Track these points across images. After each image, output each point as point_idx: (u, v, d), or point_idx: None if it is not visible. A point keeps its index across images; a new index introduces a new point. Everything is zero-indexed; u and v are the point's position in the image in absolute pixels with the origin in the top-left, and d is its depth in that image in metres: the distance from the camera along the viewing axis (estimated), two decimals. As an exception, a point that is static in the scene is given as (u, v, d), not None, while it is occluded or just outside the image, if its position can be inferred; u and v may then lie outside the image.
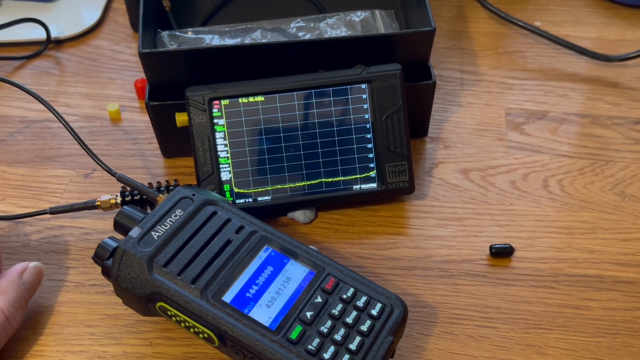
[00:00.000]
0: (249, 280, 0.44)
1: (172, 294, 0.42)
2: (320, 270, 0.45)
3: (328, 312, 0.43)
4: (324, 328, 0.42)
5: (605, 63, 0.69)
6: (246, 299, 0.43)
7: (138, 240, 0.44)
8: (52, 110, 0.56)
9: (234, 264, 0.44)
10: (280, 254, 0.45)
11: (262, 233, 0.46)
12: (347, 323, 0.42)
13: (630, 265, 0.53)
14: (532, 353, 0.48)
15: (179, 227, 0.45)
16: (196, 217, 0.46)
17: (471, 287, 0.51)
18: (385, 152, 0.54)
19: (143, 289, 0.43)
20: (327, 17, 0.64)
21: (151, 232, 0.45)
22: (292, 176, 0.54)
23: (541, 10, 0.76)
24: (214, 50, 0.54)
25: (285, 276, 0.44)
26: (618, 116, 0.64)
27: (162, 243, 0.44)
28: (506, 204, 0.57)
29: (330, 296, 0.44)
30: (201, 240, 0.45)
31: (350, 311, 0.43)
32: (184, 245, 0.45)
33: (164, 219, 0.46)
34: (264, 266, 0.45)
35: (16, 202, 0.57)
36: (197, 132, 0.53)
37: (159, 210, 0.46)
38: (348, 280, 0.44)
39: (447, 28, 0.74)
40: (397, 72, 0.54)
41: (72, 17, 0.74)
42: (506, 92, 0.67)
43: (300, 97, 0.53)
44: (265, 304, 0.43)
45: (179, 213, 0.46)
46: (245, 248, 0.45)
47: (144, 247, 0.44)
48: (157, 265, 0.43)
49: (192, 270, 0.43)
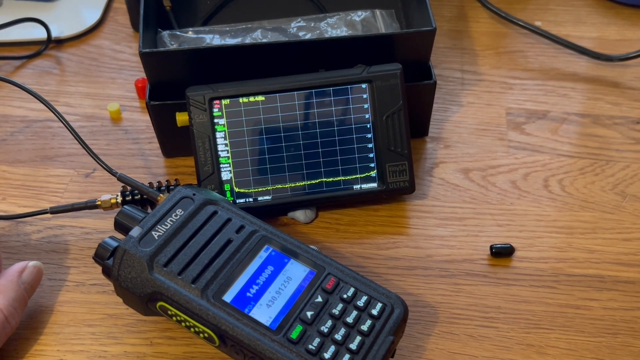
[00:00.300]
0: (250, 279, 0.44)
1: (173, 293, 0.42)
2: (321, 270, 0.45)
3: (328, 311, 0.43)
4: (325, 328, 0.42)
5: (606, 63, 0.69)
6: (247, 298, 0.43)
7: (138, 240, 0.44)
8: (53, 110, 0.56)
9: (234, 263, 0.44)
10: (280, 254, 0.45)
11: (263, 233, 0.46)
12: (348, 323, 0.42)
13: (630, 265, 0.53)
14: (532, 353, 0.48)
15: (180, 227, 0.45)
16: (197, 217, 0.46)
17: (472, 287, 0.51)
18: (386, 152, 0.54)
19: (143, 288, 0.43)
20: (327, 17, 0.64)
21: (152, 232, 0.45)
22: (292, 176, 0.54)
23: (542, 10, 0.76)
24: (214, 50, 0.54)
25: (285, 276, 0.44)
26: (619, 116, 0.64)
27: (162, 243, 0.44)
28: (507, 204, 0.57)
29: (331, 296, 0.44)
30: (202, 239, 0.45)
31: (350, 311, 0.43)
32: (184, 244, 0.45)
33: (165, 218, 0.46)
34: (264, 266, 0.45)
35: (17, 201, 0.57)
36: (198, 131, 0.53)
37: (160, 210, 0.46)
38: (348, 280, 0.44)
39: (447, 28, 0.74)
40: (398, 72, 0.54)
41: (73, 17, 0.74)
42: (507, 92, 0.67)
43: (300, 97, 0.53)
44: (265, 304, 0.43)
45: (180, 213, 0.46)
46: (246, 248, 0.45)
47: (144, 246, 0.44)
48: (158, 265, 0.43)
49: (192, 270, 0.43)
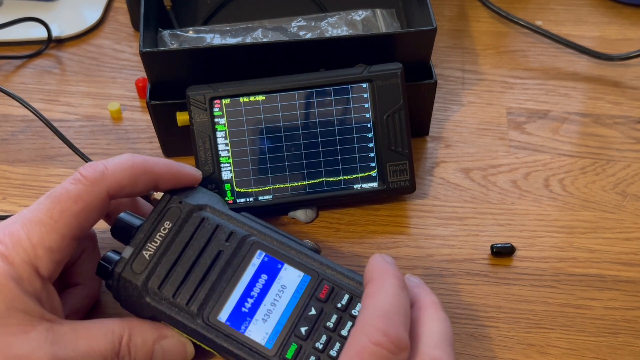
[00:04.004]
0: (244, 292, 0.43)
1: (169, 317, 0.42)
2: (315, 276, 0.44)
3: (323, 324, 0.42)
4: (319, 344, 0.41)
5: (607, 62, 0.69)
6: (242, 315, 0.42)
7: (131, 263, 0.44)
8: (32, 110, 0.57)
9: (227, 276, 0.44)
10: (274, 259, 0.44)
11: (254, 238, 0.45)
12: (343, 336, 0.41)
13: (631, 265, 0.53)
14: (533, 352, 0.48)
15: (169, 242, 0.44)
16: (185, 227, 0.45)
17: (472, 287, 0.51)
18: (387, 152, 0.54)
19: (143, 312, 0.43)
20: (328, 16, 0.64)
21: (142, 252, 0.44)
22: (293, 175, 0.54)
23: (542, 9, 0.76)
24: (215, 50, 0.54)
25: (279, 284, 0.44)
26: (619, 115, 0.64)
27: (154, 264, 0.43)
28: (507, 203, 0.57)
29: (325, 304, 0.43)
30: (192, 254, 0.44)
31: (346, 321, 0.42)
32: (175, 262, 0.44)
33: (154, 234, 0.44)
34: (257, 275, 0.44)
35: (17, 201, 0.57)
36: (198, 131, 0.53)
37: (148, 223, 0.45)
38: (343, 285, 0.43)
39: (448, 27, 0.74)
40: (398, 71, 0.53)
41: (73, 16, 0.74)
42: (507, 91, 0.67)
43: (301, 96, 0.53)
44: (261, 319, 0.42)
45: (168, 225, 0.45)
46: (238, 257, 0.44)
47: (137, 269, 0.43)
48: (152, 289, 0.43)
49: (186, 291, 0.43)
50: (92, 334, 0.41)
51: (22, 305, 0.39)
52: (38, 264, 0.40)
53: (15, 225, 0.41)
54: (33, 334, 0.38)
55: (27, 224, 0.41)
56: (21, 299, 0.39)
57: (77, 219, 0.42)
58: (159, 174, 0.45)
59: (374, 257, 0.42)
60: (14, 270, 0.39)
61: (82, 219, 0.42)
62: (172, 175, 0.46)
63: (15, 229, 0.40)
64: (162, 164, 0.45)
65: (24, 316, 0.39)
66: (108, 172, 0.43)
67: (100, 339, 0.41)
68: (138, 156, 0.45)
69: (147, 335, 0.42)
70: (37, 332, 0.39)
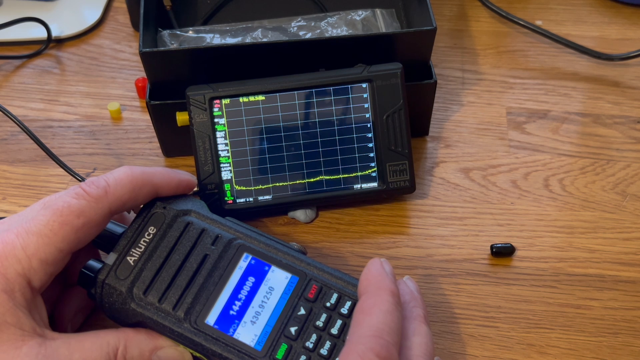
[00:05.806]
0: (231, 295, 0.43)
1: (156, 322, 0.42)
2: (302, 276, 0.43)
3: (313, 323, 0.42)
4: (310, 343, 0.41)
5: (607, 62, 0.69)
6: (230, 317, 0.42)
7: (115, 269, 0.43)
8: (4, 111, 0.57)
9: (214, 280, 0.43)
10: (260, 261, 0.44)
11: (240, 241, 0.44)
12: (333, 334, 0.41)
13: (631, 265, 0.53)
14: (533, 352, 0.48)
15: (154, 248, 0.43)
16: (170, 233, 0.44)
17: (472, 287, 0.51)
18: (386, 151, 0.54)
19: (128, 318, 0.42)
20: (328, 16, 0.64)
21: (127, 258, 0.43)
22: (292, 175, 0.54)
23: (542, 9, 0.76)
24: (214, 50, 0.54)
25: (267, 286, 0.43)
26: (619, 115, 0.64)
27: (138, 270, 0.43)
28: (507, 203, 0.57)
29: (314, 304, 0.42)
30: (178, 258, 0.43)
31: (335, 320, 0.42)
32: (161, 267, 0.43)
33: (138, 240, 0.44)
34: (245, 277, 0.43)
35: (17, 201, 0.57)
36: (198, 131, 0.53)
37: (132, 229, 0.44)
38: (332, 284, 0.43)
39: (448, 27, 0.74)
40: (398, 71, 0.53)
41: (73, 16, 0.74)
42: (507, 91, 0.67)
43: (301, 96, 0.53)
44: (250, 321, 0.42)
45: (152, 231, 0.44)
46: (224, 261, 0.44)
47: (121, 275, 0.42)
48: (137, 295, 0.42)
49: (172, 295, 0.42)
50: (86, 347, 0.39)
51: (13, 320, 0.38)
52: (31, 276, 0.39)
53: (9, 234, 0.39)
54: (24, 349, 0.37)
55: (22, 233, 0.39)
56: (13, 313, 0.38)
57: (77, 234, 0.41)
58: (158, 184, 0.45)
59: (372, 262, 0.41)
60: (7, 282, 0.38)
61: (81, 234, 0.41)
62: (171, 183, 0.45)
63: (10, 238, 0.39)
64: (160, 174, 0.45)
65: (16, 330, 0.38)
66: (110, 189, 0.42)
67: (95, 352, 0.39)
68: (136, 168, 0.44)
69: (143, 345, 0.41)
70: (28, 347, 0.38)
